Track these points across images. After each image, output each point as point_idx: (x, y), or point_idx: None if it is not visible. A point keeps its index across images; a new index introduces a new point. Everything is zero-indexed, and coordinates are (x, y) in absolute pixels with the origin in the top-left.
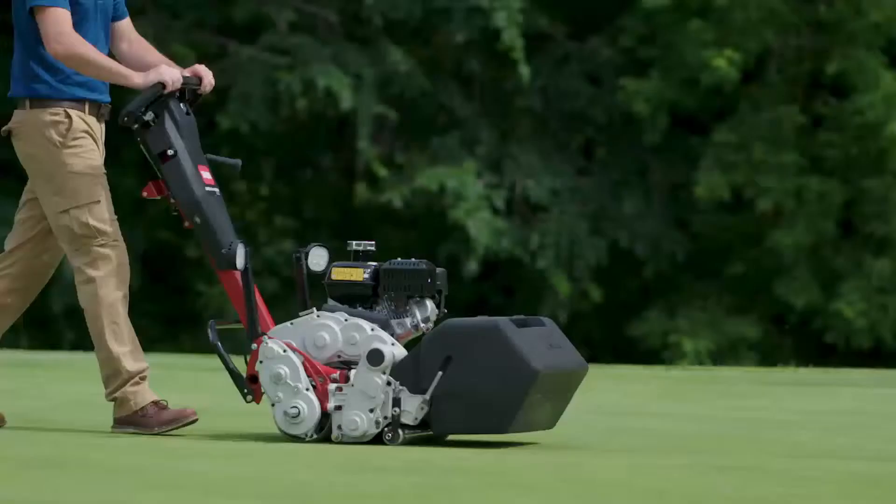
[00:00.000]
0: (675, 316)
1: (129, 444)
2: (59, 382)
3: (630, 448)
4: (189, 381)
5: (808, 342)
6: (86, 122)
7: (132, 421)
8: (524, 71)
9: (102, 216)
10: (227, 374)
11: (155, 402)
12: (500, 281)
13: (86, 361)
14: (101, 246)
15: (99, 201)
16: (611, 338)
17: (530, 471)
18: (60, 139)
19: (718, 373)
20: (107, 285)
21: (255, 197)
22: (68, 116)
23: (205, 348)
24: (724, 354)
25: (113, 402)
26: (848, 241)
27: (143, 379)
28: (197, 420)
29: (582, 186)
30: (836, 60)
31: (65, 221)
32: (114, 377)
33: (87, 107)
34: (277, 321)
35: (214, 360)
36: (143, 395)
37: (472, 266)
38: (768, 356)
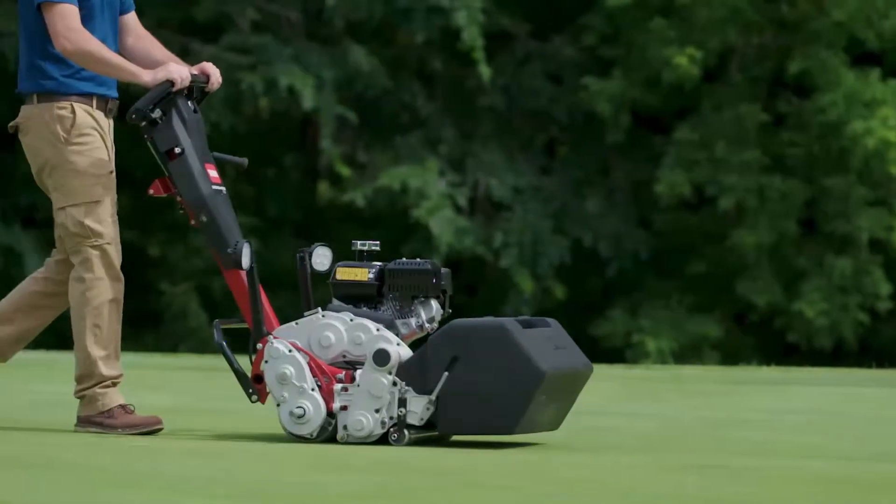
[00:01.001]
0: (637, 315)
1: (96, 444)
2: (20, 382)
3: (595, 447)
4: (153, 380)
5: (770, 341)
6: (93, 118)
7: (96, 421)
8: (485, 70)
9: (100, 217)
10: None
11: (122, 406)
12: (463, 279)
13: (46, 360)
14: (94, 247)
15: (99, 202)
16: (574, 336)
17: (496, 470)
18: (65, 135)
19: (681, 371)
20: (96, 287)
21: None
22: (74, 112)
23: (167, 347)
24: (686, 353)
25: (80, 400)
26: (810, 240)
27: (115, 384)
28: (162, 429)
29: (545, 185)
30: (798, 59)
31: (61, 219)
32: (87, 377)
33: (94, 102)
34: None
35: (178, 359)
36: (112, 397)
37: None
38: (731, 355)
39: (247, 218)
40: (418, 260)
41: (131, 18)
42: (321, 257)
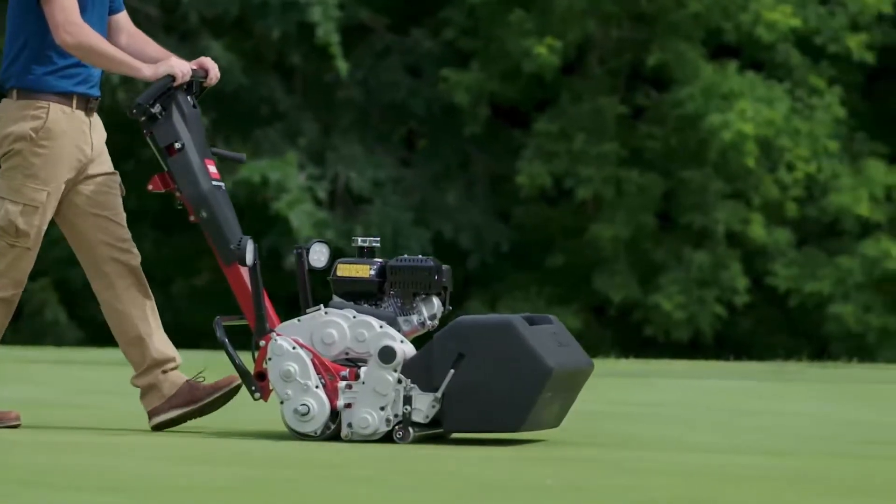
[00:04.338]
0: (496, 307)
1: None
2: None
3: (460, 439)
4: (10, 372)
5: (628, 334)
6: (71, 118)
7: None
8: (341, 65)
9: (32, 221)
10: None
11: None
12: (324, 273)
13: None
14: (12, 245)
15: (38, 207)
16: None
17: (366, 463)
18: (33, 134)
19: None
20: None
21: None
22: (48, 114)
23: (26, 340)
24: None
25: None
26: (667, 233)
27: None
28: (19, 425)
29: (404, 178)
30: (656, 52)
31: None
32: None
33: (74, 101)
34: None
35: (36, 352)
36: None
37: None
38: (589, 347)
39: None
40: (420, 257)
41: (123, 18)
42: (318, 254)
